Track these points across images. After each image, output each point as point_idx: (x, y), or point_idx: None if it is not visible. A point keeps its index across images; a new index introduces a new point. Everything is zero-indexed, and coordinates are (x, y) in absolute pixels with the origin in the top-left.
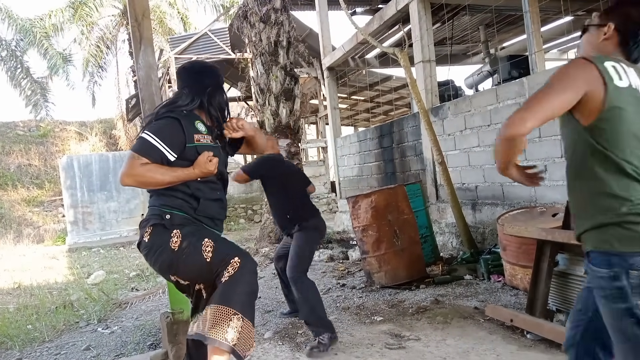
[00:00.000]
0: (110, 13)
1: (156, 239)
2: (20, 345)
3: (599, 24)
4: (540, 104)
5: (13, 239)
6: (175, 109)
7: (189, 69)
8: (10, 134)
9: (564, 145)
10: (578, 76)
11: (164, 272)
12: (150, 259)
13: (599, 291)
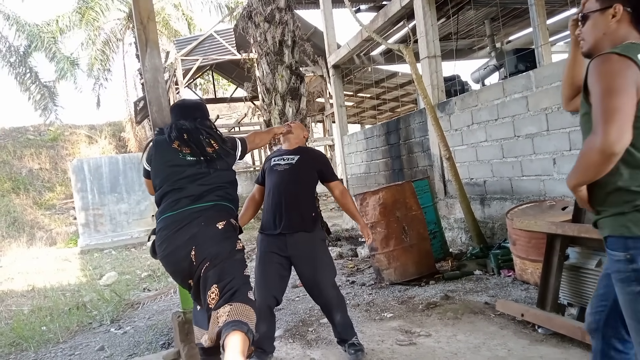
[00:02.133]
0: (117, 17)
1: (229, 229)
2: (35, 346)
3: (601, 8)
4: (621, 113)
5: (26, 242)
6: None
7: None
8: (21, 139)
9: (584, 136)
10: (626, 74)
11: (203, 254)
12: (216, 238)
13: (615, 274)
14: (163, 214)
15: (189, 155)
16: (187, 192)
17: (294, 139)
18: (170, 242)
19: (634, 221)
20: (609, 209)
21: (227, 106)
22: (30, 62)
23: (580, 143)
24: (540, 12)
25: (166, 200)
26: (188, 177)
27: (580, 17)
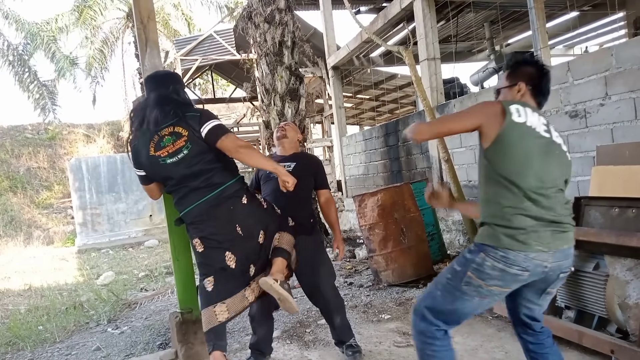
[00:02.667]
0: (116, 16)
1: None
2: (31, 346)
3: (510, 85)
4: (443, 125)
5: (23, 241)
6: None
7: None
8: (19, 137)
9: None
10: (482, 111)
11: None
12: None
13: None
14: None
15: (167, 158)
16: (191, 187)
17: (288, 143)
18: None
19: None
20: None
21: (226, 106)
22: (29, 61)
23: (578, 146)
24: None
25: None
26: (181, 176)
27: (495, 91)
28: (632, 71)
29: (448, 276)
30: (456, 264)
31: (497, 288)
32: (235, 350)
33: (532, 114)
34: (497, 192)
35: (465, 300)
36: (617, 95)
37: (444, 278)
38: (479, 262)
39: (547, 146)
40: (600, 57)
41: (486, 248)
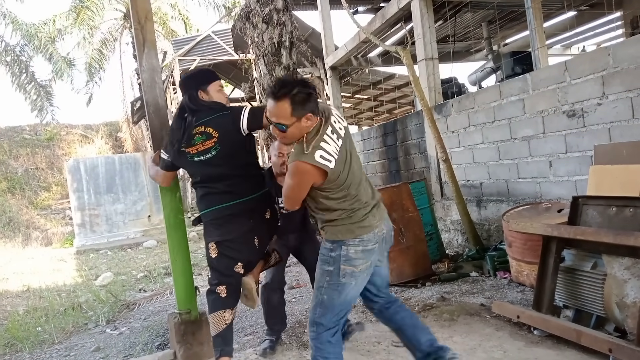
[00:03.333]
0: (113, 16)
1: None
2: (29, 347)
3: (299, 119)
4: (298, 196)
5: (22, 242)
6: None
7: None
8: (17, 138)
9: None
10: (307, 180)
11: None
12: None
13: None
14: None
15: (195, 156)
16: (213, 189)
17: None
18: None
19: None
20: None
21: None
22: (27, 62)
23: (576, 146)
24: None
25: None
26: (206, 176)
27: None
28: (629, 70)
29: (326, 279)
30: (325, 267)
31: (364, 265)
32: (233, 351)
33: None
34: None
35: (348, 288)
36: (615, 95)
37: (324, 283)
38: (344, 253)
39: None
40: (598, 57)
41: (344, 241)
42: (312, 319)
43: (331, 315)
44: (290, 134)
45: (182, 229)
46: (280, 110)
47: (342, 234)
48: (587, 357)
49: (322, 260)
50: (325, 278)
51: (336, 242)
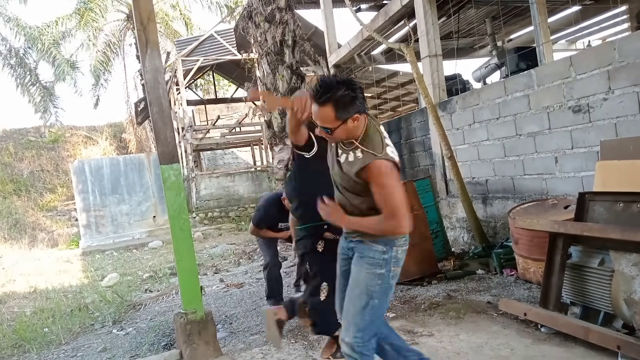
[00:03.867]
0: (116, 18)
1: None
2: (37, 348)
3: (344, 121)
4: (402, 203)
5: (28, 244)
6: None
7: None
8: (22, 140)
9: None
10: (396, 175)
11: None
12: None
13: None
14: None
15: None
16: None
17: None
18: None
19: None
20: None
21: (227, 106)
22: (31, 64)
23: (582, 141)
24: (542, 10)
25: None
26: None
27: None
28: (635, 65)
29: (378, 282)
30: (377, 270)
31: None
32: (240, 350)
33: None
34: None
35: (392, 290)
36: (621, 90)
37: (375, 287)
38: (394, 255)
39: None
40: (603, 52)
41: (394, 241)
42: (361, 326)
43: (379, 321)
44: (336, 135)
45: (187, 229)
46: (324, 114)
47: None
48: (595, 354)
49: (370, 263)
50: (376, 282)
51: (389, 243)
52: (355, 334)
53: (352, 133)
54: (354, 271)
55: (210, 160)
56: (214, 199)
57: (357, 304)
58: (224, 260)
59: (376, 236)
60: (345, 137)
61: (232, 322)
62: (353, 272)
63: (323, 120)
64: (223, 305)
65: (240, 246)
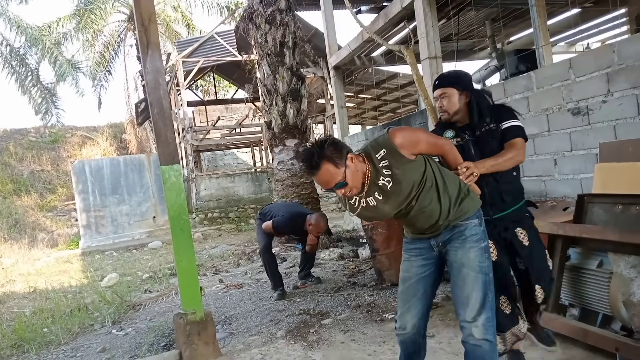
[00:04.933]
0: (117, 19)
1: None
2: (36, 348)
3: (346, 166)
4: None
5: (27, 244)
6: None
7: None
8: (23, 141)
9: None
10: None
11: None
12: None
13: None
14: None
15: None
16: None
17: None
18: None
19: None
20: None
21: (228, 107)
22: (32, 65)
23: (581, 143)
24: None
25: None
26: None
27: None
28: (635, 67)
29: (485, 256)
30: (481, 244)
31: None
32: (239, 351)
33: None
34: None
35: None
36: (620, 92)
37: (485, 261)
38: (484, 226)
39: None
40: (602, 54)
41: (479, 212)
42: (487, 306)
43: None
44: (352, 183)
45: (187, 230)
46: (327, 174)
47: (477, 200)
48: (594, 356)
49: (475, 240)
50: (484, 257)
51: (478, 215)
52: (487, 314)
53: (361, 171)
54: (460, 257)
55: (210, 161)
56: (214, 200)
57: (477, 286)
58: (224, 261)
59: (469, 212)
60: (361, 179)
61: (231, 323)
62: (459, 259)
63: (331, 177)
64: (222, 306)
65: (240, 247)
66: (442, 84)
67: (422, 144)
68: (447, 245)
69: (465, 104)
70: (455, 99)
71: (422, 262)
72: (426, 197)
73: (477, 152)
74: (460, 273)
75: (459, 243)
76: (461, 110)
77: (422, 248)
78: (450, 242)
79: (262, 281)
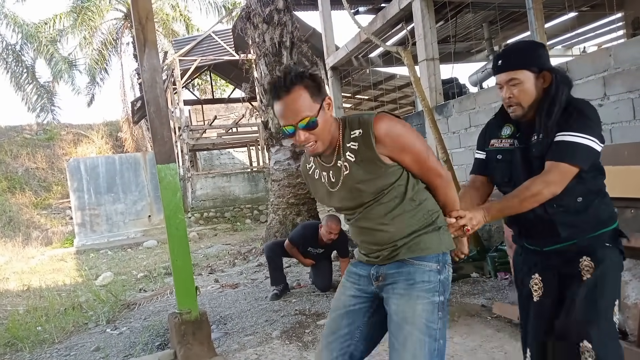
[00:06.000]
0: (114, 16)
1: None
2: (30, 347)
3: (321, 105)
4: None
5: (22, 242)
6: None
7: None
8: (17, 138)
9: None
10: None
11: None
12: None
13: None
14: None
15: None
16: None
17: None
18: None
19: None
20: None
21: (225, 107)
22: (27, 62)
23: None
24: (538, 15)
25: None
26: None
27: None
28: (631, 71)
29: (439, 315)
30: (436, 297)
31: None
32: (234, 351)
33: None
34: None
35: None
36: (616, 96)
37: (436, 322)
38: (448, 274)
39: None
40: (599, 58)
41: (446, 257)
42: None
43: None
44: (322, 132)
45: (183, 229)
46: (299, 102)
47: (449, 242)
48: None
49: (426, 290)
50: (437, 316)
51: (442, 259)
52: None
53: (331, 130)
54: (402, 308)
55: (206, 161)
56: (210, 199)
57: (421, 353)
58: (219, 261)
59: (428, 250)
60: (328, 136)
61: (226, 323)
62: (401, 310)
63: (301, 107)
64: (218, 306)
65: (236, 247)
66: (509, 65)
67: (409, 156)
68: (390, 287)
69: (544, 91)
70: (530, 86)
71: (354, 292)
72: (379, 210)
73: (525, 169)
74: (400, 331)
75: (404, 288)
76: (536, 101)
77: (361, 275)
78: (395, 284)
79: (257, 281)
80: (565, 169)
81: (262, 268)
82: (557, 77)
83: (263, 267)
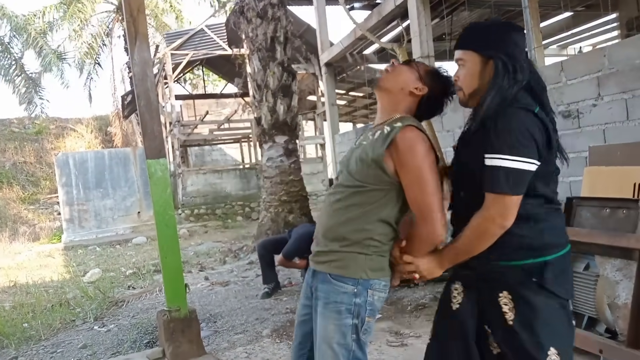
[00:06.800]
0: (105, 9)
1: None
2: (16, 343)
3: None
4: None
5: (8, 237)
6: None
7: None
8: (5, 131)
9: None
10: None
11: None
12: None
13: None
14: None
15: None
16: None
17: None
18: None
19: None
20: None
21: (217, 102)
22: (16, 54)
23: (571, 146)
24: (534, 15)
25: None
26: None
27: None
28: (624, 72)
29: (352, 337)
30: (348, 320)
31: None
32: (223, 349)
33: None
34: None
35: (366, 348)
36: (610, 96)
37: (350, 344)
38: (370, 301)
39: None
40: (593, 58)
41: (373, 283)
42: None
43: None
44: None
45: (173, 226)
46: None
47: (374, 270)
48: (578, 358)
49: (336, 309)
50: (350, 337)
51: (362, 282)
52: None
53: (399, 106)
54: (318, 324)
55: (197, 157)
56: (201, 196)
57: None
58: (210, 258)
59: (346, 269)
60: (395, 105)
61: (216, 321)
62: (318, 326)
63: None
64: (207, 304)
65: (227, 244)
66: (461, 43)
67: (406, 177)
68: (316, 302)
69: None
70: (474, 70)
71: (304, 301)
72: (345, 199)
73: (459, 175)
74: (318, 348)
75: (321, 307)
76: (482, 90)
77: (307, 285)
78: (317, 300)
79: (248, 279)
80: (496, 200)
81: (253, 266)
82: (499, 62)
83: (254, 265)
